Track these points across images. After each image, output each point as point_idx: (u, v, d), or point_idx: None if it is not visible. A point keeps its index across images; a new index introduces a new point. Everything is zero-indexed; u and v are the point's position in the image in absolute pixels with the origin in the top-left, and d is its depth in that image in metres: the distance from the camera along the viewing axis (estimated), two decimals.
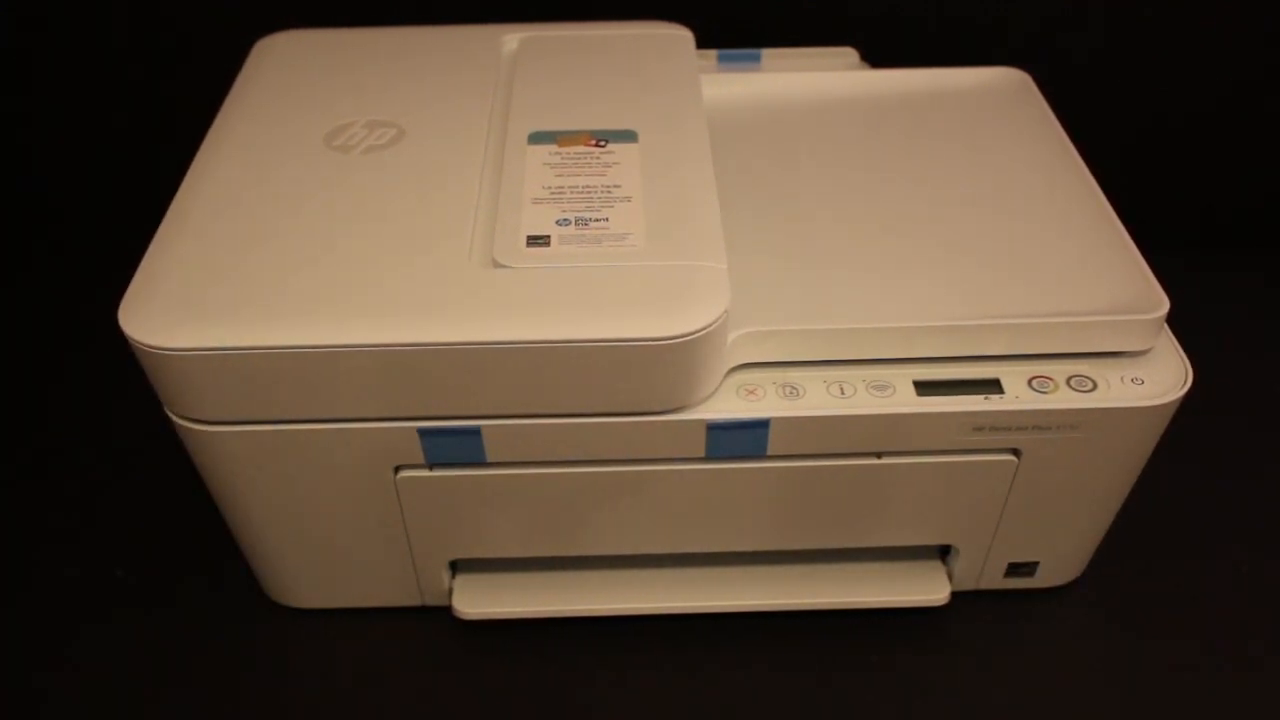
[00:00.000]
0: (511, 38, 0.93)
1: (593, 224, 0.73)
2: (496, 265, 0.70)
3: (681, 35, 0.93)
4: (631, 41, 0.92)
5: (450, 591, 0.85)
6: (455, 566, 0.86)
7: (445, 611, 0.86)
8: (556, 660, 0.84)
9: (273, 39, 0.93)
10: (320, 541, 0.80)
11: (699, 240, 0.72)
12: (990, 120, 0.91)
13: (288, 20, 0.96)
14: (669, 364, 0.68)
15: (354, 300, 0.68)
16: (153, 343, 0.66)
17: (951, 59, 0.99)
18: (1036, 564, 0.85)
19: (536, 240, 0.72)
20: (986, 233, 0.80)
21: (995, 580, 0.87)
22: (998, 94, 0.95)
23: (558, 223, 0.73)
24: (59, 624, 0.87)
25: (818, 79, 0.96)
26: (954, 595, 0.86)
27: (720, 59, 1.00)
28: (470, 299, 0.68)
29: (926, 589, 0.85)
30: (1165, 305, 0.73)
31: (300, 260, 0.70)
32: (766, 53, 1.00)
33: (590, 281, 0.69)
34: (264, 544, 0.81)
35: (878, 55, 1.01)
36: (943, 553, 0.87)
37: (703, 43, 0.94)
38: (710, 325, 0.67)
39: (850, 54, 1.01)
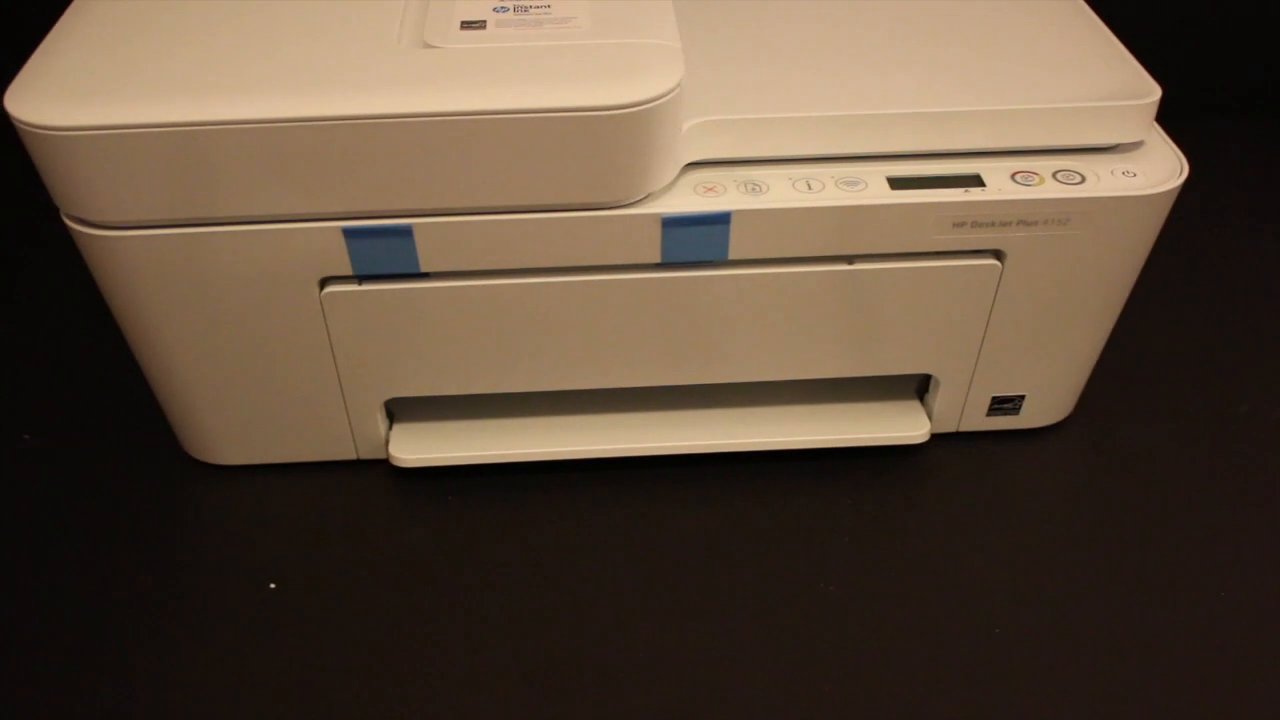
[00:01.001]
0: None
1: (533, 9, 0.67)
2: (427, 46, 0.64)
3: None
4: None
5: (387, 441, 0.78)
6: (392, 416, 0.79)
7: (382, 465, 0.79)
8: (505, 510, 0.77)
9: None
10: (242, 379, 0.73)
11: (649, 19, 0.66)
12: None
13: None
14: (619, 140, 0.61)
15: (270, 77, 0.61)
16: (44, 123, 0.59)
17: None
18: (1022, 399, 0.79)
19: (471, 24, 0.66)
20: (967, 30, 0.74)
21: (979, 420, 0.80)
22: None
23: (495, 10, 0.67)
24: None
25: None
26: (936, 439, 0.80)
27: None
28: (397, 75, 0.61)
29: (905, 426, 0.79)
30: (1156, 92, 0.68)
31: (213, 43, 0.64)
32: None
33: (531, 58, 0.63)
34: (179, 384, 0.74)
35: None
36: (921, 393, 0.81)
37: None
38: (662, 96, 0.61)
39: None
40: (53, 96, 0.60)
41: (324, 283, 0.68)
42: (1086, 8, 0.77)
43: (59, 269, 0.79)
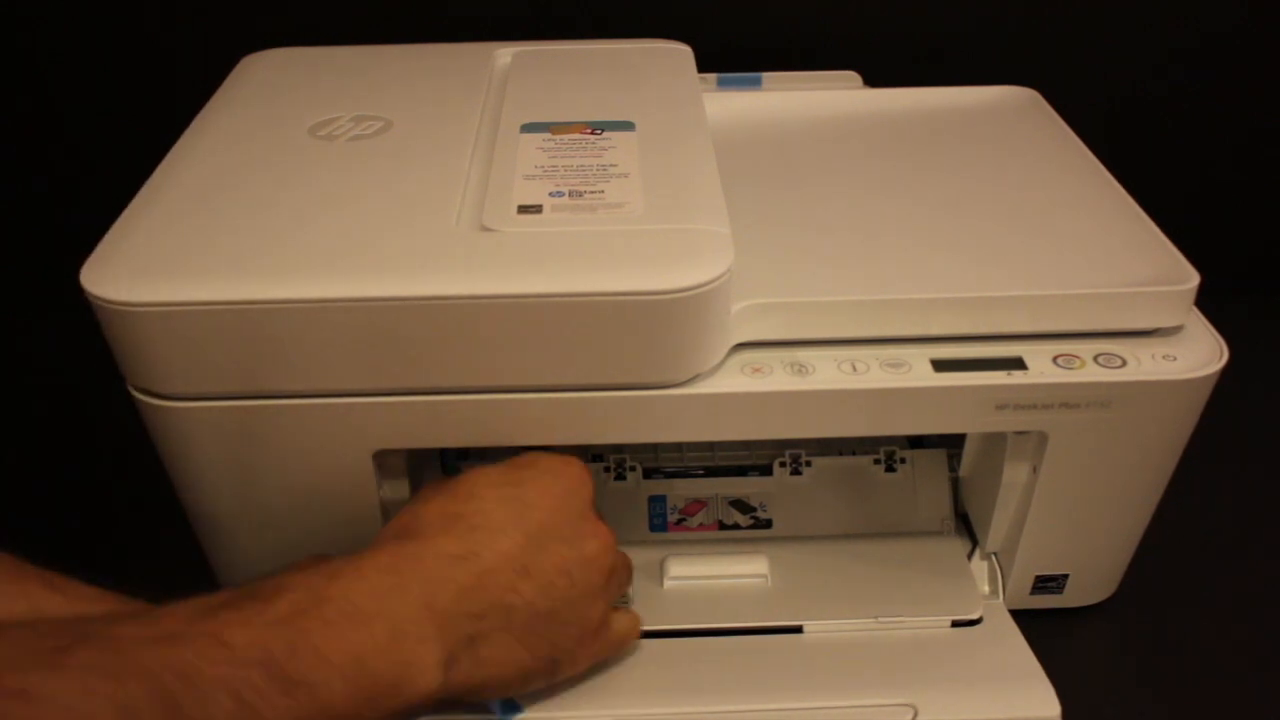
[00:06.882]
0: (504, 52, 0.90)
1: (588, 195, 0.69)
2: (485, 229, 0.66)
3: (680, 49, 0.91)
4: (628, 53, 0.90)
5: None
6: None
7: None
8: None
9: (258, 55, 0.91)
10: (293, 546, 0.74)
11: (700, 206, 0.68)
12: (1006, 128, 0.89)
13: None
14: (669, 324, 0.63)
15: (330, 257, 0.63)
16: (116, 299, 0.61)
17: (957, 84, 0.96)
18: (1066, 577, 0.79)
19: (528, 209, 0.68)
20: (1008, 217, 0.77)
21: (1021, 598, 0.80)
22: (1011, 109, 0.92)
23: (550, 194, 0.70)
24: None
25: (824, 97, 0.94)
26: None
27: (720, 83, 0.97)
28: (455, 258, 0.63)
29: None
30: (1195, 278, 0.69)
31: (277, 225, 0.66)
32: (767, 76, 0.97)
33: (586, 242, 0.65)
34: (228, 546, 0.75)
35: (880, 82, 0.98)
36: None
37: (702, 69, 0.91)
38: (713, 281, 0.62)
39: (853, 78, 0.99)
40: (127, 275, 0.62)
41: (377, 454, 0.69)
42: (1124, 193, 0.79)
43: (113, 433, 0.80)
